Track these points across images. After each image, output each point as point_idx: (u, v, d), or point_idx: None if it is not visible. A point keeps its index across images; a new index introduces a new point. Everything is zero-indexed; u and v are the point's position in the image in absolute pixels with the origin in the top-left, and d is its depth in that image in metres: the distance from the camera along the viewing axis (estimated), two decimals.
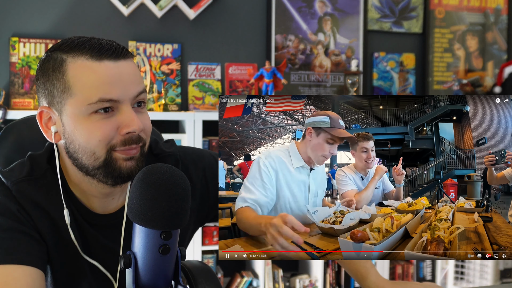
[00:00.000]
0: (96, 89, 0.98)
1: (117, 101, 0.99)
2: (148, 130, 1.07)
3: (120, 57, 1.01)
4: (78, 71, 0.99)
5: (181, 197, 0.85)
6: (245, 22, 3.11)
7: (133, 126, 1.00)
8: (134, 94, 1.02)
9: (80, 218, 1.10)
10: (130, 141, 1.02)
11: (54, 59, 1.02)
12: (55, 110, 1.03)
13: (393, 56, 3.37)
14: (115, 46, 1.01)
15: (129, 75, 1.01)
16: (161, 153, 1.20)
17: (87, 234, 1.11)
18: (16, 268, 0.95)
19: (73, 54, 1.00)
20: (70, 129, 1.01)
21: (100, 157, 1.01)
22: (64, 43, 1.02)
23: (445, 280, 3.29)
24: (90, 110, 0.98)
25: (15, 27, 2.76)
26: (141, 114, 1.04)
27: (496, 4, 3.53)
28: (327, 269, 2.98)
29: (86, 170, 1.04)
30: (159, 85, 2.95)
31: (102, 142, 1.00)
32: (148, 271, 0.88)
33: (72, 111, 1.00)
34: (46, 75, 1.02)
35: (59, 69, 1.00)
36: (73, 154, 1.03)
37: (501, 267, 3.32)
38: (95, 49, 0.99)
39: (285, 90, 3.15)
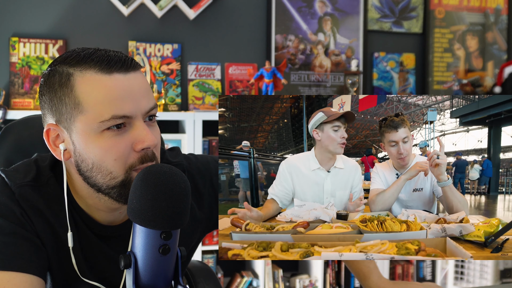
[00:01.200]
0: (108, 105, 0.93)
1: (130, 117, 0.96)
2: (159, 146, 1.04)
3: (130, 69, 0.97)
4: (88, 86, 0.94)
5: (181, 197, 0.85)
6: (245, 22, 3.11)
7: (147, 142, 0.96)
8: (146, 110, 0.98)
9: (85, 227, 1.07)
10: (147, 158, 0.98)
11: (60, 73, 0.97)
12: (63, 127, 0.98)
13: (393, 56, 3.37)
14: (124, 58, 0.97)
15: (140, 89, 0.97)
16: (168, 163, 1.19)
17: (90, 244, 1.09)
18: (16, 276, 0.94)
19: (81, 67, 0.95)
20: (82, 147, 0.97)
21: (117, 177, 0.97)
22: (69, 56, 0.97)
23: (445, 280, 3.29)
24: (102, 127, 0.94)
25: (15, 27, 2.76)
26: (152, 128, 1.01)
27: (496, 4, 3.53)
28: (327, 269, 2.98)
29: (99, 188, 1.00)
30: (159, 85, 2.95)
31: (118, 162, 0.96)
32: (148, 271, 0.88)
33: (83, 129, 0.95)
34: (52, 90, 0.97)
35: (67, 84, 0.95)
36: (85, 172, 0.99)
37: (501, 267, 3.32)
38: (103, 61, 0.95)
39: (285, 90, 3.15)
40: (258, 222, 1.35)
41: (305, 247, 1.00)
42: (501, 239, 1.11)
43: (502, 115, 8.43)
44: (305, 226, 1.21)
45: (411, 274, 3.17)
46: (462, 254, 0.95)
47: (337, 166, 1.76)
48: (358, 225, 1.18)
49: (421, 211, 1.43)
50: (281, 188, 1.76)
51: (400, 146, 1.68)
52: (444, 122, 15.97)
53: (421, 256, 0.95)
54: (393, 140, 1.69)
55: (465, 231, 1.16)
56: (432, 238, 1.09)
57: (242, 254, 1.01)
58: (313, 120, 1.74)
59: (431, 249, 0.99)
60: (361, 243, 0.99)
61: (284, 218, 1.53)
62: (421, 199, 1.71)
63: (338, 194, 1.76)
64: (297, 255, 0.98)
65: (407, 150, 1.69)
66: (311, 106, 9.01)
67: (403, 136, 1.67)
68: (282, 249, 1.00)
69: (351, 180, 1.78)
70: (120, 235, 1.11)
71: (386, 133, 1.70)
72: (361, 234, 1.11)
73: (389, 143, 1.70)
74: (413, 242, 0.99)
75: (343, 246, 1.00)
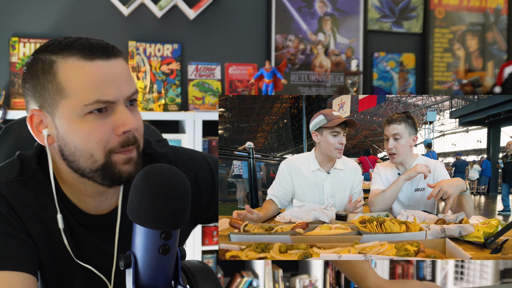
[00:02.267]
0: (92, 90, 0.96)
1: (112, 102, 0.98)
2: (141, 130, 1.07)
3: (111, 56, 0.99)
4: (70, 72, 0.97)
5: (181, 197, 0.85)
6: (245, 22, 3.11)
7: (129, 125, 0.99)
8: (128, 95, 1.01)
9: (72, 218, 1.09)
10: (128, 142, 1.01)
11: (42, 61, 0.99)
12: (47, 112, 1.00)
13: (393, 56, 3.37)
14: (105, 45, 1.00)
15: (122, 75, 1.00)
16: (154, 153, 1.19)
17: (78, 235, 1.10)
18: (9, 275, 0.95)
19: (63, 55, 0.98)
20: (64, 131, 0.99)
21: (98, 160, 1.00)
22: (51, 44, 1.00)
23: (445, 280, 3.29)
24: (85, 111, 0.97)
25: (15, 27, 2.76)
26: (134, 113, 1.03)
27: (496, 4, 3.53)
28: (327, 269, 2.98)
29: (83, 172, 1.02)
30: (159, 85, 2.95)
31: (99, 144, 0.98)
32: (148, 271, 0.88)
33: (66, 113, 0.98)
34: (35, 77, 0.99)
35: (49, 71, 0.98)
36: (68, 156, 1.01)
37: (501, 267, 3.32)
38: (85, 48, 0.97)
39: (285, 90, 3.15)
40: (257, 223, 1.35)
41: (303, 249, 0.99)
42: (500, 240, 1.11)
43: (501, 116, 8.43)
44: (304, 227, 1.21)
45: (411, 274, 3.17)
46: (461, 255, 0.95)
47: (337, 167, 1.76)
48: (357, 226, 1.18)
49: (420, 212, 1.42)
50: (280, 189, 1.75)
51: (389, 141, 1.66)
52: (444, 123, 15.98)
53: (420, 257, 0.95)
54: (385, 134, 1.68)
55: (465, 232, 1.16)
56: (431, 239, 1.09)
57: (240, 255, 1.01)
58: (313, 122, 1.72)
59: (430, 250, 0.99)
60: (360, 244, 0.99)
61: (283, 219, 1.53)
62: (423, 199, 1.69)
63: (338, 195, 1.76)
64: (296, 257, 0.98)
65: (397, 148, 1.65)
66: (310, 106, 9.01)
67: (393, 132, 1.65)
68: (280, 250, 1.00)
69: (351, 181, 1.78)
70: (104, 225, 1.12)
71: (384, 128, 1.70)
72: (360, 235, 1.11)
73: (384, 137, 1.70)
74: (412, 243, 0.98)
75: (342, 247, 1.00)
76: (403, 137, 1.65)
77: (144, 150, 1.17)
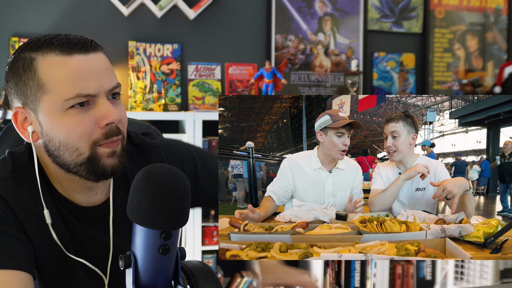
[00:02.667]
0: (72, 84, 0.97)
1: (93, 95, 0.99)
2: (125, 122, 1.07)
3: (89, 50, 1.01)
4: (50, 68, 0.98)
5: (181, 197, 0.85)
6: (245, 22, 3.11)
7: (111, 117, 1.00)
8: (109, 88, 1.02)
9: (65, 212, 1.10)
10: (111, 133, 1.02)
11: (23, 59, 1.00)
12: (30, 109, 1.01)
13: (393, 56, 3.37)
14: (84, 40, 1.01)
15: (101, 68, 1.01)
16: (143, 144, 1.21)
17: (74, 228, 1.11)
18: (5, 273, 0.95)
19: (42, 51, 0.99)
20: (48, 127, 1.00)
21: (83, 153, 1.01)
22: (31, 42, 1.02)
23: (445, 280, 3.29)
24: (67, 105, 0.98)
25: (15, 27, 2.76)
26: (117, 106, 1.04)
27: (496, 4, 3.53)
28: (327, 269, 2.98)
29: (68, 167, 1.03)
30: (159, 85, 2.95)
31: (83, 138, 0.99)
32: (148, 271, 0.88)
33: (48, 108, 0.99)
34: (17, 75, 1.01)
35: (30, 68, 0.99)
36: (53, 152, 1.02)
37: (501, 267, 3.32)
38: (63, 44, 0.99)
39: (285, 90, 3.15)
40: (257, 223, 1.35)
41: (304, 248, 1.00)
42: (500, 240, 1.11)
43: (501, 116, 8.43)
44: (304, 226, 1.21)
45: (411, 274, 3.17)
46: (461, 255, 0.95)
47: (339, 167, 1.76)
48: (357, 225, 1.18)
49: (420, 212, 1.43)
50: (280, 185, 1.75)
51: (388, 139, 1.68)
52: (443, 123, 15.98)
53: (421, 257, 0.95)
54: (384, 133, 1.71)
55: (465, 232, 1.16)
56: (431, 239, 1.09)
57: (240, 255, 1.01)
58: (319, 121, 1.73)
59: (431, 250, 0.99)
60: (360, 244, 0.99)
61: (283, 219, 1.53)
62: (423, 198, 1.69)
63: (339, 195, 1.76)
64: (296, 256, 0.98)
65: (395, 146, 1.67)
66: (310, 106, 9.01)
67: (391, 130, 1.67)
68: (281, 250, 1.00)
69: (352, 181, 1.79)
70: (99, 216, 1.13)
71: (383, 126, 1.73)
72: (361, 235, 1.11)
73: (383, 136, 1.72)
74: (413, 243, 0.99)
75: (342, 247, 1.00)
76: (401, 135, 1.67)
77: (132, 141, 1.18)
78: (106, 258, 1.14)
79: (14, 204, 1.03)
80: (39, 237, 1.06)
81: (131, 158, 1.18)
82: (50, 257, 1.09)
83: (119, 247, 1.15)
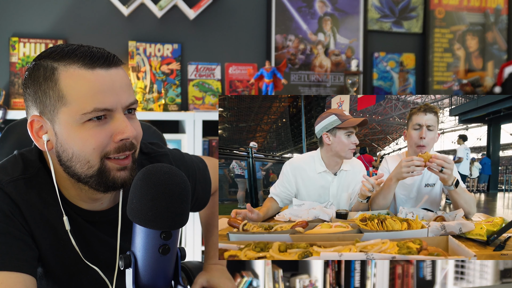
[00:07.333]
0: (90, 99, 0.97)
1: (111, 110, 1.00)
2: (140, 137, 1.08)
3: (111, 65, 1.01)
4: (71, 80, 0.98)
5: (181, 197, 0.85)
6: (245, 22, 3.11)
7: (127, 133, 1.00)
8: (126, 104, 1.02)
9: (75, 214, 1.10)
10: (124, 148, 1.02)
11: (44, 67, 1.00)
12: (47, 119, 1.02)
13: (393, 56, 3.37)
14: (106, 54, 1.01)
15: (121, 84, 1.02)
16: (153, 152, 1.23)
17: (84, 231, 1.11)
18: (8, 275, 0.95)
19: (64, 62, 0.99)
20: (64, 138, 1.01)
21: (94, 166, 1.01)
22: (54, 51, 1.01)
23: (445, 280, 3.29)
24: (84, 119, 0.98)
25: (15, 27, 2.76)
26: (133, 121, 1.05)
27: (496, 4, 3.53)
28: (327, 269, 2.98)
29: (78, 177, 1.03)
30: (159, 85, 2.95)
31: (96, 150, 1.00)
32: (148, 271, 0.88)
33: (66, 120, 0.99)
34: (37, 83, 1.01)
35: (51, 77, 0.99)
36: (65, 162, 1.02)
37: (501, 267, 3.32)
38: (86, 57, 0.99)
39: (285, 90, 3.15)
40: (256, 223, 1.35)
41: (303, 247, 0.99)
42: (503, 237, 1.11)
43: (501, 113, 8.41)
44: (304, 225, 1.21)
45: (411, 274, 3.17)
46: (465, 253, 0.94)
47: (343, 169, 1.72)
48: (358, 224, 1.17)
49: (419, 209, 1.43)
50: (282, 189, 1.73)
51: (423, 129, 1.58)
52: (443, 120, 15.96)
53: (423, 255, 0.95)
54: (418, 123, 1.59)
55: (465, 228, 1.16)
56: (434, 237, 1.09)
57: (239, 255, 1.01)
58: (323, 123, 1.66)
59: (433, 248, 0.98)
60: (361, 243, 0.98)
61: (282, 218, 1.52)
62: (430, 195, 1.65)
63: (343, 196, 1.73)
64: (296, 256, 0.98)
65: (431, 139, 1.58)
66: (309, 105, 9.00)
67: (429, 123, 1.59)
68: (280, 249, 1.00)
69: (356, 180, 1.75)
70: (108, 220, 1.14)
71: (414, 116, 1.61)
72: (361, 233, 1.10)
73: (413, 126, 1.60)
74: (415, 241, 0.98)
75: (343, 246, 1.00)
76: (434, 131, 1.61)
77: (142, 150, 1.19)
78: (113, 260, 1.14)
79: (23, 205, 1.03)
80: (49, 240, 1.06)
81: (141, 166, 1.18)
82: (60, 258, 1.09)
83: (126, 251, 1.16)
